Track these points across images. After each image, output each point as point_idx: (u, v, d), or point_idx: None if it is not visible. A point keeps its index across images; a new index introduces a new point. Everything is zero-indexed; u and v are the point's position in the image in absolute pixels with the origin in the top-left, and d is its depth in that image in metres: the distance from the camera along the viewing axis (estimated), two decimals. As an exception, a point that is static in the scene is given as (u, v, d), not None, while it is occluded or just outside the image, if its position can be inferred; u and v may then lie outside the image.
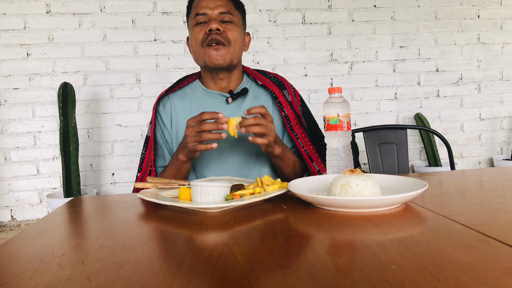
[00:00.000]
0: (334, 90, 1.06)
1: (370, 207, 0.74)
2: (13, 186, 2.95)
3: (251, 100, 1.27)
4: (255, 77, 1.29)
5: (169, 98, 1.28)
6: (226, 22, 1.15)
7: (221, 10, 1.14)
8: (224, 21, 1.15)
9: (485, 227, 0.60)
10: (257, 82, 1.28)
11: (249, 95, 1.27)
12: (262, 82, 1.27)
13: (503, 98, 3.45)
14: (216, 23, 1.13)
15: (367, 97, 3.29)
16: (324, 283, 0.43)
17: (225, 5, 1.16)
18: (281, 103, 1.25)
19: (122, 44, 2.99)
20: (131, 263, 0.53)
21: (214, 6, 1.15)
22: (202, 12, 1.14)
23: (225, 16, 1.15)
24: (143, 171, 1.23)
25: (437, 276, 0.43)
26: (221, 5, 1.15)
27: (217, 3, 1.15)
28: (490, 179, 1.08)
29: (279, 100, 1.25)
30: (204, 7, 1.14)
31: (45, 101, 2.94)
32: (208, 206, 0.80)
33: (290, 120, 1.25)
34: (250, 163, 1.23)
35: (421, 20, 3.31)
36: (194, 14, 1.16)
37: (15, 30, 2.88)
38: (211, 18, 1.14)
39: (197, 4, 1.17)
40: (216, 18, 1.14)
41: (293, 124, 1.25)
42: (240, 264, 0.51)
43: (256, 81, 1.29)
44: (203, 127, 0.98)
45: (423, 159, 3.42)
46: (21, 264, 0.55)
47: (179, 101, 1.26)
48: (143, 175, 1.22)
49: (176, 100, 1.27)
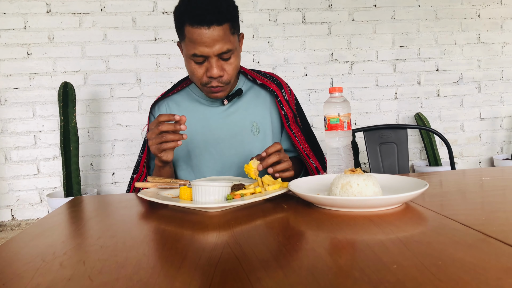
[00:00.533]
0: (334, 90, 1.06)
1: (371, 206, 0.74)
2: (13, 185, 2.95)
3: (251, 99, 1.27)
4: (254, 76, 1.28)
5: (165, 101, 1.27)
6: (225, 59, 1.08)
7: (220, 51, 1.04)
8: (223, 58, 1.07)
9: (485, 227, 0.60)
10: (256, 81, 1.28)
11: (249, 94, 1.27)
12: (261, 81, 1.27)
13: (503, 98, 3.45)
14: (217, 69, 1.06)
15: (367, 96, 3.29)
16: (325, 282, 0.43)
17: (223, 39, 1.03)
18: (281, 101, 1.26)
19: (123, 43, 2.99)
20: (133, 262, 0.53)
21: (212, 42, 1.02)
22: (200, 55, 1.04)
23: (224, 55, 1.06)
24: (139, 174, 1.23)
25: (438, 275, 0.43)
26: (219, 41, 1.03)
27: (215, 38, 1.02)
28: (490, 179, 1.08)
29: (279, 99, 1.26)
30: (202, 46, 1.03)
31: (45, 101, 2.94)
32: (209, 205, 0.80)
33: (288, 119, 1.26)
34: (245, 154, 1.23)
35: (422, 20, 3.31)
36: (192, 53, 1.05)
37: (16, 30, 2.88)
38: (210, 62, 1.06)
39: (193, 38, 1.03)
40: (215, 62, 1.06)
41: (291, 123, 1.26)
42: (242, 263, 0.51)
43: (255, 80, 1.28)
44: (160, 127, 0.97)
45: (423, 158, 3.42)
46: (23, 264, 0.55)
47: (176, 105, 1.26)
48: (139, 177, 1.23)
49: (172, 104, 1.27)
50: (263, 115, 1.26)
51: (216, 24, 1.01)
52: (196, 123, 1.23)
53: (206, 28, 1.01)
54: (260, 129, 1.25)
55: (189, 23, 1.02)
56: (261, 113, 1.26)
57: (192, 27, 1.02)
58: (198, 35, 1.02)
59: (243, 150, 1.23)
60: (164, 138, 0.98)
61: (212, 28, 1.01)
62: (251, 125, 1.24)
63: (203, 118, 1.23)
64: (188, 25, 1.02)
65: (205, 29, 1.01)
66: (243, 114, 1.24)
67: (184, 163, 1.24)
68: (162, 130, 0.97)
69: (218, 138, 1.22)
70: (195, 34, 1.02)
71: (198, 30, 1.01)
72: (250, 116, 1.25)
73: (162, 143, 0.99)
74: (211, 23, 1.01)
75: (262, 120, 1.26)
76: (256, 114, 1.25)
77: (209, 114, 1.23)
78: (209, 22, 1.00)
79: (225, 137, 1.22)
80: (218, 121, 1.23)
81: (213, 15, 1.01)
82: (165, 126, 0.97)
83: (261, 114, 1.26)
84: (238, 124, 1.23)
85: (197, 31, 1.01)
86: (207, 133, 1.22)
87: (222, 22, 1.02)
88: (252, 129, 1.24)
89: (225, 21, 1.03)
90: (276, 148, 1.01)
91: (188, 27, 1.03)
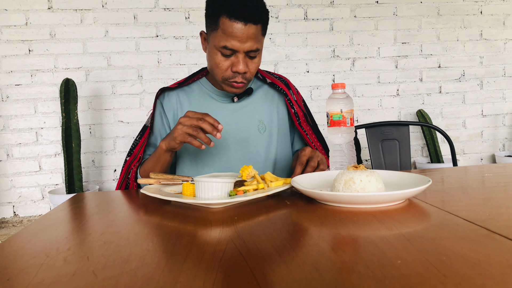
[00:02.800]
0: (337, 86, 1.06)
1: (374, 203, 0.74)
2: (15, 182, 2.95)
3: (259, 97, 1.28)
4: (265, 75, 1.31)
5: (176, 92, 1.27)
6: (252, 57, 1.10)
7: (250, 49, 1.07)
8: (250, 56, 1.10)
9: (489, 223, 0.60)
10: (266, 80, 1.30)
11: (258, 93, 1.29)
12: (271, 80, 1.30)
13: (506, 95, 3.44)
14: (243, 65, 1.09)
15: (369, 93, 3.29)
16: (330, 278, 0.43)
17: (255, 38, 1.07)
18: (290, 100, 1.29)
19: (124, 40, 2.99)
20: (136, 258, 0.53)
21: (245, 39, 1.05)
22: (231, 48, 1.06)
23: (252, 53, 1.09)
24: (133, 157, 1.22)
25: (442, 271, 0.43)
26: (252, 39, 1.06)
27: (249, 35, 1.05)
28: (492, 175, 1.08)
29: (289, 98, 1.28)
30: (235, 40, 1.05)
31: (47, 97, 2.94)
32: (211, 201, 0.80)
33: (299, 117, 1.28)
34: (254, 159, 1.23)
35: (424, 16, 3.30)
36: (222, 45, 1.06)
37: (17, 26, 2.88)
38: (238, 57, 1.08)
39: (228, 31, 1.05)
40: (243, 58, 1.08)
41: (302, 121, 1.29)
42: (246, 259, 0.51)
43: (265, 79, 1.30)
44: (201, 123, 0.97)
45: (425, 155, 3.42)
46: (27, 259, 0.55)
47: (186, 97, 1.26)
48: (132, 160, 1.21)
49: (183, 96, 1.26)
50: (270, 113, 1.28)
51: (252, 22, 1.04)
52: None
53: (243, 24, 1.03)
54: (267, 128, 1.26)
55: (227, 15, 1.04)
56: (269, 111, 1.28)
57: (229, 20, 1.04)
58: (233, 28, 1.04)
59: (248, 147, 1.24)
60: (196, 133, 0.98)
61: (248, 26, 1.04)
62: (258, 123, 1.26)
63: (211, 113, 1.23)
64: (225, 17, 1.04)
65: (241, 25, 1.03)
66: (251, 111, 1.25)
67: (188, 156, 1.23)
68: (201, 127, 0.97)
69: (224, 133, 1.22)
70: (230, 27, 1.04)
71: (234, 24, 1.03)
72: (258, 114, 1.26)
73: (191, 136, 0.99)
74: (248, 21, 1.03)
75: (269, 118, 1.27)
76: (263, 113, 1.27)
77: (217, 109, 1.24)
78: (247, 19, 1.03)
79: (231, 133, 1.23)
80: (226, 117, 1.23)
81: (252, 13, 1.04)
82: (206, 125, 0.97)
83: (268, 113, 1.28)
84: (245, 121, 1.24)
85: (234, 25, 1.03)
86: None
87: (258, 22, 1.06)
88: (258, 127, 1.26)
89: (260, 22, 1.06)
90: (309, 153, 1.04)
91: (224, 19, 1.04)
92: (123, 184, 1.22)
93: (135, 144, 1.24)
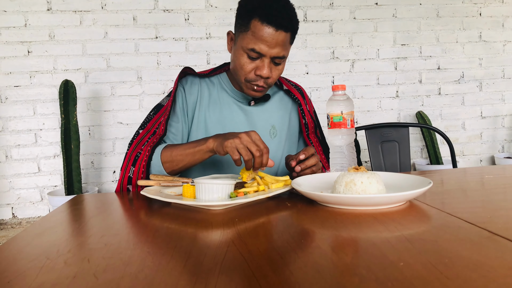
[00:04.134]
0: (337, 88, 1.06)
1: (375, 204, 0.74)
2: (14, 183, 2.95)
3: (274, 103, 1.29)
4: (282, 81, 1.31)
5: (199, 80, 1.24)
6: (277, 63, 1.10)
7: (277, 55, 1.07)
8: (275, 62, 1.10)
9: (490, 225, 0.60)
10: (283, 86, 1.31)
11: (274, 98, 1.29)
12: (288, 87, 1.31)
13: (505, 96, 3.45)
14: (268, 70, 1.08)
15: (369, 95, 3.29)
16: (332, 280, 0.43)
17: (284, 45, 1.07)
18: (303, 110, 1.30)
19: (123, 41, 2.99)
20: (137, 260, 0.53)
21: (274, 44, 1.06)
22: (258, 51, 1.06)
23: (278, 60, 1.09)
24: (146, 130, 1.16)
25: (445, 273, 0.43)
26: (280, 45, 1.06)
27: (278, 41, 1.05)
28: (492, 177, 1.08)
29: (302, 108, 1.30)
30: (264, 44, 1.05)
31: (46, 99, 2.94)
32: (212, 203, 0.80)
33: (308, 129, 1.31)
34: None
35: (423, 18, 3.30)
36: (251, 47, 1.06)
37: (16, 28, 2.87)
38: (264, 61, 1.08)
39: (258, 34, 1.05)
40: (268, 63, 1.08)
41: (310, 133, 1.31)
42: (247, 261, 0.50)
43: (282, 85, 1.31)
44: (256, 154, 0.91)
45: (424, 157, 3.42)
46: (26, 262, 0.55)
47: (207, 88, 1.24)
48: (146, 133, 1.15)
49: (204, 87, 1.24)
50: (283, 120, 1.29)
51: (283, 29, 1.05)
52: (221, 112, 1.22)
53: (274, 30, 1.04)
54: (277, 133, 1.27)
55: (260, 18, 1.04)
56: (282, 118, 1.29)
57: (261, 23, 1.04)
58: (264, 32, 1.04)
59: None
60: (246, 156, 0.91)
61: (279, 32, 1.04)
62: (270, 127, 1.26)
63: (228, 108, 1.23)
64: (258, 20, 1.04)
65: (273, 30, 1.04)
66: (265, 116, 1.26)
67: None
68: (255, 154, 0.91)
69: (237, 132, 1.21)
70: (261, 31, 1.04)
71: (266, 28, 1.04)
72: (271, 119, 1.26)
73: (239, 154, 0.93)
74: (280, 27, 1.04)
75: (281, 125, 1.28)
76: (276, 118, 1.27)
77: (233, 108, 1.23)
78: (279, 25, 1.04)
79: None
80: (240, 118, 1.23)
81: (284, 20, 1.04)
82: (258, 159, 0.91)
83: (281, 119, 1.28)
84: (258, 124, 1.24)
85: (265, 29, 1.04)
86: (228, 126, 1.22)
87: (288, 30, 1.06)
88: (270, 131, 1.26)
89: (290, 30, 1.07)
90: (312, 151, 1.04)
91: (256, 22, 1.05)
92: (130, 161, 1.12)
93: (149, 119, 1.19)
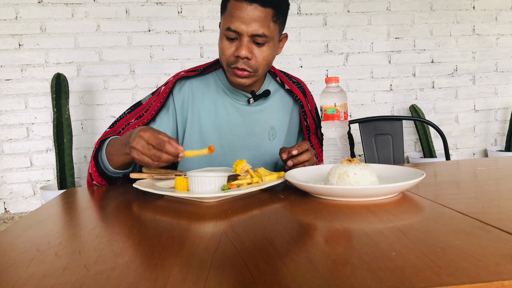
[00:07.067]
0: (331, 80, 1.06)
1: (368, 196, 0.74)
2: (6, 178, 2.92)
3: (275, 102, 1.24)
4: (284, 80, 1.26)
5: (188, 82, 1.19)
6: (258, 43, 1.04)
7: (255, 32, 1.01)
8: (256, 42, 1.04)
9: (483, 215, 0.61)
10: (284, 85, 1.25)
11: (275, 97, 1.24)
12: (289, 86, 1.25)
13: (498, 90, 3.46)
14: (245, 49, 1.02)
15: (363, 88, 3.29)
16: (324, 269, 0.43)
17: (262, 21, 1.01)
18: (305, 112, 1.27)
19: (116, 34, 2.96)
20: (129, 252, 0.53)
21: (250, 20, 1.00)
22: (234, 30, 1.01)
23: (258, 38, 1.03)
24: (113, 129, 1.13)
25: (437, 262, 0.43)
26: (257, 21, 1.00)
27: (253, 17, 1.00)
28: (484, 169, 1.09)
29: (304, 110, 1.26)
30: (238, 21, 1.00)
31: (38, 93, 2.91)
32: (205, 195, 0.79)
33: (310, 130, 1.29)
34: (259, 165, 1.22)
35: (417, 11, 3.30)
36: (226, 27, 1.03)
37: (7, 20, 2.83)
38: (242, 40, 1.02)
39: (232, 12, 1.01)
40: (247, 42, 1.02)
41: (311, 134, 1.30)
42: (239, 252, 0.50)
43: (283, 84, 1.25)
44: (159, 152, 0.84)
45: (418, 150, 3.44)
46: (17, 254, 0.54)
47: (200, 88, 1.19)
48: (111, 132, 1.12)
49: (197, 87, 1.19)
50: (283, 121, 1.25)
51: (259, 4, 1.00)
52: (216, 114, 1.18)
53: (248, 4, 1.00)
54: (277, 135, 1.23)
55: None
56: (282, 119, 1.25)
57: (235, 1, 1.01)
58: (238, 8, 1.00)
59: (255, 152, 1.21)
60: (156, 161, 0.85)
61: (254, 6, 1.00)
62: (269, 129, 1.22)
63: (224, 110, 1.18)
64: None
65: (247, 4, 1.00)
66: (264, 117, 1.21)
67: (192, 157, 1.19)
68: (160, 156, 0.84)
69: (234, 134, 1.18)
70: (235, 7, 1.01)
71: (239, 4, 1.00)
72: (271, 121, 1.22)
73: (150, 164, 0.86)
74: (254, 1, 0.99)
75: (281, 126, 1.24)
76: (276, 119, 1.23)
77: (231, 108, 1.19)
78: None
79: (241, 137, 1.19)
80: (238, 119, 1.19)
81: None
82: (165, 156, 0.85)
83: (281, 120, 1.24)
84: (257, 126, 1.21)
85: (239, 5, 1.00)
86: (225, 127, 1.18)
87: (266, 5, 1.01)
88: (269, 133, 1.22)
89: (268, 5, 1.01)
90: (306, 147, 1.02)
91: (232, 0, 1.02)
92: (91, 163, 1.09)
93: (121, 117, 1.15)
